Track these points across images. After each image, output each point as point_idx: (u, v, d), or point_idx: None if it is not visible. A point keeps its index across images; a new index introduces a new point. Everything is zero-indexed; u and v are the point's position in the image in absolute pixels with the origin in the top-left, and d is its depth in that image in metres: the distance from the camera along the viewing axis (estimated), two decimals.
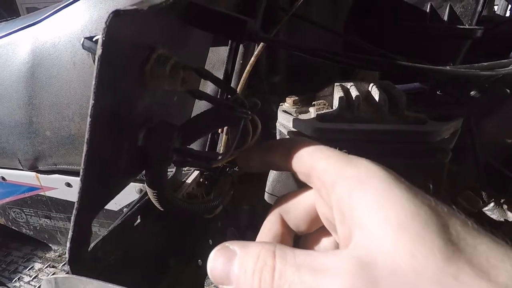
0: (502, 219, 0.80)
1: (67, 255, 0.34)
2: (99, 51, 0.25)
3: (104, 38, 0.25)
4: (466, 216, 0.19)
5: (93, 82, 0.26)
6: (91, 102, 0.26)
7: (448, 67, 0.45)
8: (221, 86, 0.34)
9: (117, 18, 0.25)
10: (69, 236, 0.33)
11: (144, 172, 0.40)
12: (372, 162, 0.23)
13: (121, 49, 0.28)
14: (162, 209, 0.45)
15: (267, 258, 0.20)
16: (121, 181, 0.39)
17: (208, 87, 0.69)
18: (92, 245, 0.39)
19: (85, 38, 0.32)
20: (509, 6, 2.14)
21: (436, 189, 0.56)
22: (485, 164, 0.77)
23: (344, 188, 0.22)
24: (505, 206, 0.80)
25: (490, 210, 0.81)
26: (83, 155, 0.28)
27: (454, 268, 0.16)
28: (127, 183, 0.41)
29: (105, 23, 0.24)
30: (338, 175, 0.23)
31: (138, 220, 0.49)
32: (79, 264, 0.35)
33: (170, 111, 0.43)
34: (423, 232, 0.17)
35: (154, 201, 0.44)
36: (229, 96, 0.41)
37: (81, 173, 0.29)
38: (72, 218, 0.32)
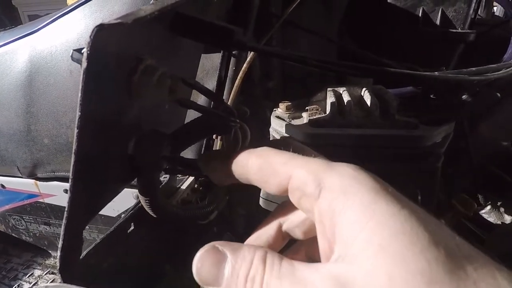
0: (499, 222, 0.80)
1: (58, 264, 0.34)
2: (84, 64, 0.25)
3: (89, 52, 0.25)
4: (454, 231, 0.18)
5: (79, 94, 0.26)
6: (78, 113, 0.27)
7: (437, 72, 0.45)
8: (207, 95, 0.35)
9: (101, 32, 0.25)
10: (60, 245, 0.33)
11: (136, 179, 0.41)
12: (357, 169, 0.22)
13: (107, 61, 0.28)
14: (155, 216, 0.46)
15: (258, 266, 0.20)
16: (112, 189, 0.39)
17: (202, 96, 0.69)
18: (84, 252, 0.40)
19: (73, 50, 0.33)
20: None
21: (430, 193, 0.56)
22: (481, 167, 0.77)
23: (326, 200, 0.20)
24: (502, 209, 0.80)
25: (487, 213, 0.81)
26: (71, 165, 0.29)
27: None
28: (119, 191, 0.42)
29: (90, 37, 0.25)
30: (319, 185, 0.21)
31: (132, 227, 0.49)
32: (71, 272, 0.36)
33: (161, 119, 0.43)
34: (406, 252, 0.16)
35: (147, 208, 0.45)
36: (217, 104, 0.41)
37: (70, 183, 0.30)
38: (63, 227, 0.32)
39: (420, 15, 0.70)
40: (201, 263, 0.22)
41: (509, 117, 0.71)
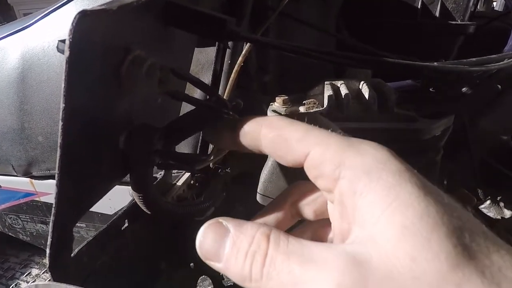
0: (499, 217, 0.79)
1: (46, 262, 0.33)
2: (66, 53, 0.24)
3: (71, 40, 0.24)
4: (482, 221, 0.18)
5: (62, 85, 0.25)
6: (62, 105, 0.26)
7: (436, 63, 0.44)
8: (200, 86, 0.34)
9: (84, 18, 0.24)
10: (48, 242, 0.32)
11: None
12: (379, 147, 0.20)
13: (92, 50, 0.27)
14: (149, 213, 0.45)
15: (261, 241, 0.19)
16: (104, 185, 0.38)
17: (198, 90, 0.68)
18: (76, 250, 0.39)
19: (59, 40, 0.32)
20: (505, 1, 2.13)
21: None
22: (480, 161, 0.76)
23: (347, 181, 0.19)
24: (501, 204, 0.80)
25: (487, 208, 0.80)
26: (57, 159, 0.28)
27: (459, 275, 0.14)
28: (111, 187, 0.40)
29: (71, 24, 0.24)
30: (340, 165, 0.19)
31: (126, 224, 0.48)
32: (61, 270, 0.35)
33: (153, 113, 0.42)
34: (430, 235, 0.15)
35: (140, 205, 0.44)
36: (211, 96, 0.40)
37: (56, 178, 0.29)
38: (50, 223, 0.31)
39: (419, 6, 0.69)
40: (203, 237, 0.21)
41: (509, 110, 0.70)
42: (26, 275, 1.26)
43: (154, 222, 0.54)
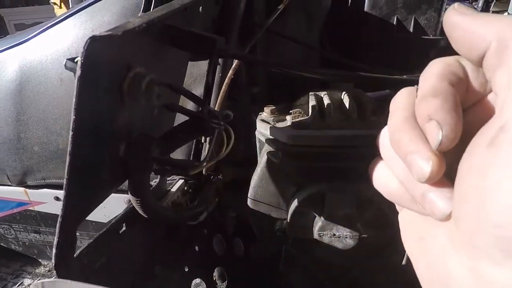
0: None
1: (53, 261, 0.36)
2: (78, 72, 0.28)
3: (82, 61, 0.28)
4: None
5: (74, 100, 0.29)
6: (72, 117, 0.29)
7: (404, 76, 0.49)
8: (193, 100, 0.37)
9: (94, 43, 0.28)
10: (55, 242, 0.35)
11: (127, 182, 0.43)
12: None
13: (99, 69, 0.31)
14: (146, 216, 0.48)
15: None
16: (104, 190, 0.41)
17: (191, 102, 0.72)
18: (78, 251, 0.42)
19: (67, 59, 0.36)
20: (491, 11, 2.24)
21: None
22: None
23: None
24: None
25: None
26: (66, 166, 0.31)
27: None
28: (110, 192, 0.44)
29: (83, 47, 0.28)
30: None
31: (123, 228, 0.51)
32: (65, 269, 0.38)
33: (150, 123, 0.46)
34: None
35: (138, 209, 0.47)
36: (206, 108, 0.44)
37: (64, 183, 0.32)
38: (58, 225, 0.34)
39: (394, 23, 0.75)
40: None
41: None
42: (18, 285, 1.25)
43: (150, 226, 0.57)
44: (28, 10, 4.25)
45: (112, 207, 0.74)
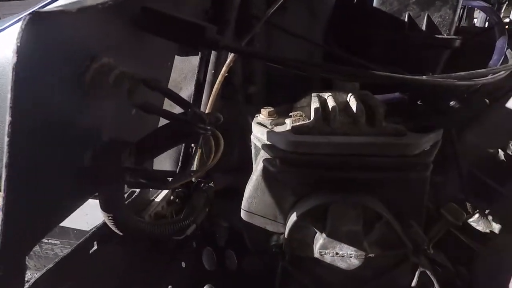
0: (487, 231, 0.78)
1: None
2: (13, 59, 0.21)
3: (19, 44, 0.21)
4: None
5: (8, 96, 0.22)
6: (8, 119, 0.22)
7: (425, 76, 0.43)
8: (174, 99, 0.31)
9: (36, 21, 0.21)
10: None
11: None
12: None
13: (47, 57, 0.24)
14: (121, 234, 0.41)
15: None
16: (66, 205, 0.34)
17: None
18: (31, 282, 0.34)
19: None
20: (487, 18, 2.20)
21: (419, 204, 0.53)
22: (468, 174, 0.75)
23: None
24: (490, 217, 0.79)
25: (475, 222, 0.79)
26: (2, 181, 0.24)
27: None
28: (75, 207, 0.37)
29: (20, 26, 0.21)
30: None
31: (94, 247, 0.44)
32: None
33: (127, 126, 0.39)
34: None
35: (111, 226, 0.40)
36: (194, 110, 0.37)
37: (2, 202, 0.25)
38: None
39: (406, 20, 0.68)
40: None
41: (496, 123, 0.70)
42: None
43: (129, 242, 0.49)
44: (21, 3, 4.15)
45: (94, 214, 0.66)
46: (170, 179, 0.35)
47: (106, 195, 0.36)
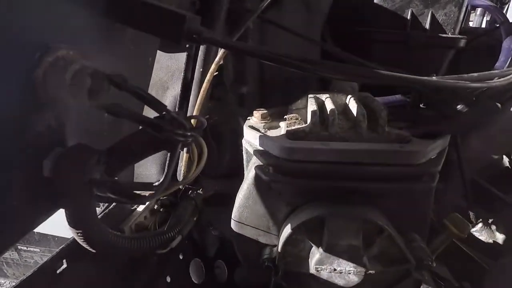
0: (490, 241, 0.75)
1: None
2: None
3: None
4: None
5: None
6: None
7: (434, 77, 0.39)
8: (147, 102, 0.26)
9: None
10: None
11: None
12: None
13: None
14: (93, 251, 0.36)
15: None
16: (20, 225, 0.29)
17: (167, 99, 0.61)
18: None
19: None
20: (485, 19, 2.18)
21: (424, 216, 0.49)
22: (471, 181, 0.72)
23: None
24: (493, 227, 0.75)
25: (478, 231, 0.75)
26: None
27: None
28: (34, 224, 0.32)
29: None
30: None
31: (64, 265, 0.39)
32: None
33: (97, 131, 0.34)
34: None
35: (81, 243, 0.35)
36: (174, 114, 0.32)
37: None
38: None
39: (408, 17, 0.64)
40: None
41: (502, 128, 0.66)
42: None
43: (105, 259, 0.45)
44: None
45: None
46: (145, 192, 0.30)
47: (72, 209, 0.31)
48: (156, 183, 0.31)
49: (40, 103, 0.25)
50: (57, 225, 0.48)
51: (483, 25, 2.26)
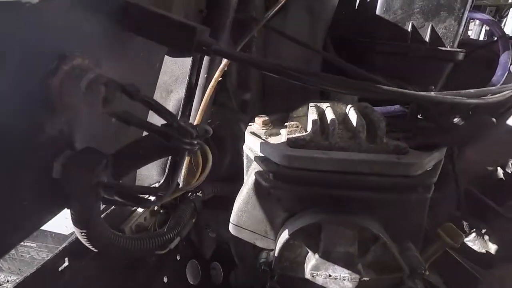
0: (483, 250, 0.76)
1: None
2: None
3: None
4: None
5: None
6: None
7: (433, 93, 0.40)
8: (157, 111, 0.27)
9: None
10: None
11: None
12: None
13: (4, 52, 0.20)
14: (95, 250, 0.37)
15: None
16: (28, 223, 0.30)
17: (171, 102, 0.61)
18: None
19: None
20: (483, 31, 2.21)
21: (419, 227, 0.50)
22: (465, 192, 0.73)
23: None
24: (486, 237, 0.77)
25: (471, 241, 0.77)
26: None
27: None
28: (41, 222, 0.32)
29: None
30: None
31: (66, 263, 0.40)
32: None
33: (105, 135, 0.35)
34: None
35: (84, 242, 0.36)
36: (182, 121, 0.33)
37: None
38: None
39: (409, 30, 0.66)
40: None
41: (497, 140, 0.68)
42: None
43: (105, 258, 0.45)
44: None
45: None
46: (150, 196, 0.31)
47: (78, 210, 0.32)
48: (157, 185, 0.32)
49: (52, 109, 0.26)
50: (54, 222, 0.49)
51: (482, 35, 2.29)
